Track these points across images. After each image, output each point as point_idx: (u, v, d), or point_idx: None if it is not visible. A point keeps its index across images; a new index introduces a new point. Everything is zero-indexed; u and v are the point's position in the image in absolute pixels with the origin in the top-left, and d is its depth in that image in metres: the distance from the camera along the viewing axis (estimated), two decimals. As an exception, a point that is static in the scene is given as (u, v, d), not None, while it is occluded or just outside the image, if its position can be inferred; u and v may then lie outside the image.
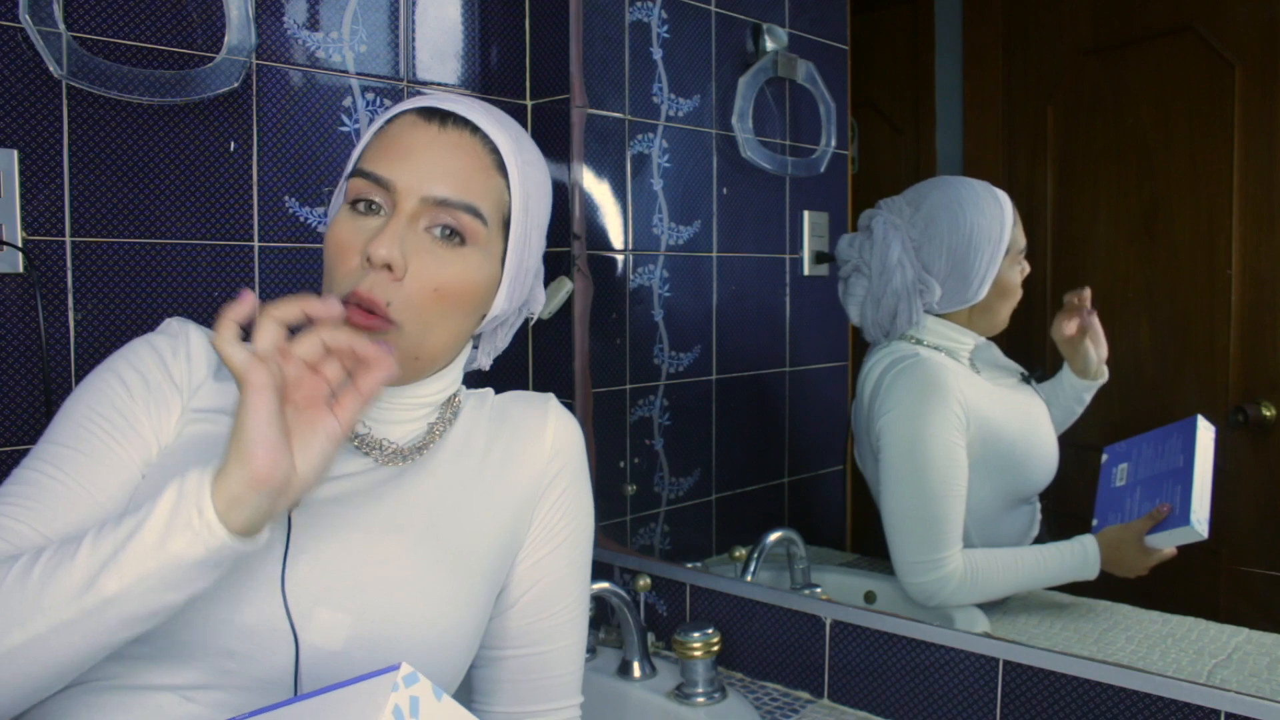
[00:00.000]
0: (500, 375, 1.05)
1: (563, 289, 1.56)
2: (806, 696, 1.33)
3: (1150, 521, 1.17)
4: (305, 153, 1.40)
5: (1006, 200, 1.32)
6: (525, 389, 1.11)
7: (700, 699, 1.28)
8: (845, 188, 1.68)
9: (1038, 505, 1.35)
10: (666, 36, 1.64)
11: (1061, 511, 1.34)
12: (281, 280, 1.39)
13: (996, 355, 1.38)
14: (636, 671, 1.36)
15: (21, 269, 1.18)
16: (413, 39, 1.52)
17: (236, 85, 1.31)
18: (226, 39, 1.30)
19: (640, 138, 1.62)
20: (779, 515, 1.74)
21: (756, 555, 1.47)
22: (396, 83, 1.50)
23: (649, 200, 1.64)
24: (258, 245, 1.37)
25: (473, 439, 0.95)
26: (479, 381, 1.03)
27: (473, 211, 0.83)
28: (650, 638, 1.45)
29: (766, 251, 1.72)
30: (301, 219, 1.41)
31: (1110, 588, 1.22)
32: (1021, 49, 1.41)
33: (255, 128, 1.36)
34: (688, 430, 1.69)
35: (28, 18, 1.15)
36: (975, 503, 1.30)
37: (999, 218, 1.32)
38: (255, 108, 1.35)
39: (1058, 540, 1.26)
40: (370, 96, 1.46)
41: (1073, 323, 1.29)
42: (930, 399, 1.32)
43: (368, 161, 0.84)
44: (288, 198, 1.39)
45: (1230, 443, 1.17)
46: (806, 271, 1.71)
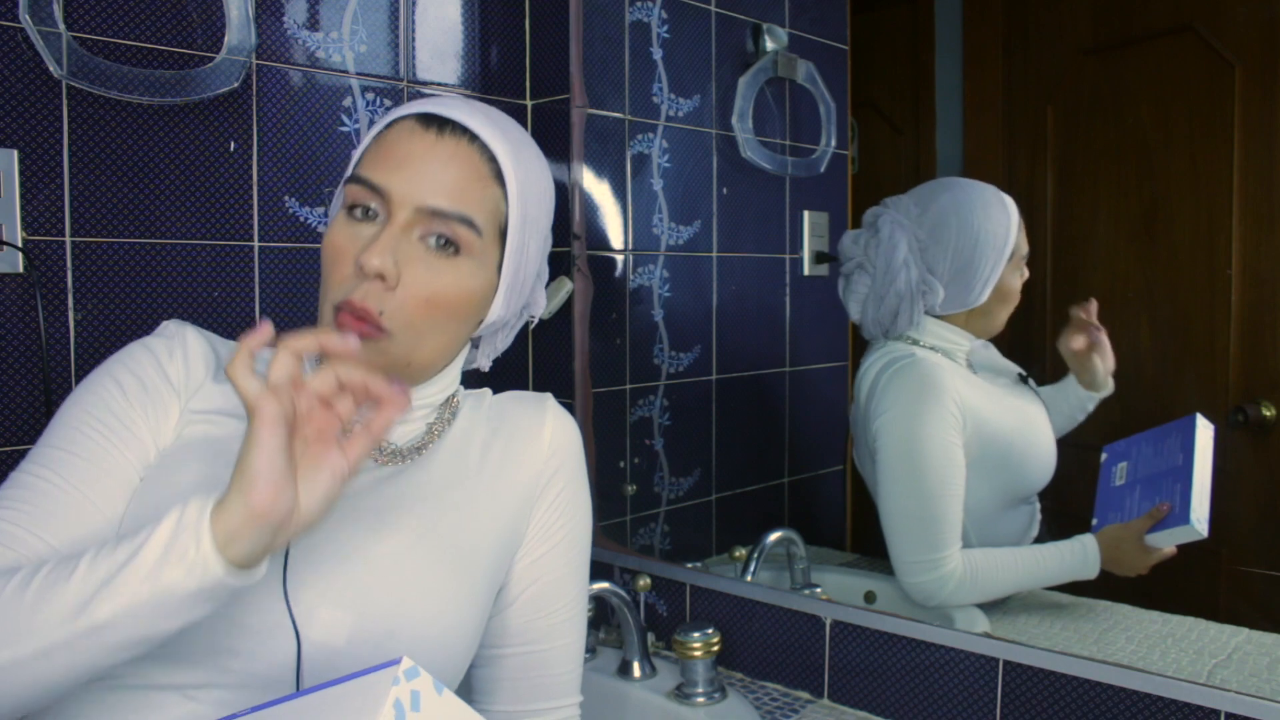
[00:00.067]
0: (500, 375, 1.05)
1: (563, 289, 1.56)
2: (806, 696, 1.33)
3: (1150, 520, 1.17)
4: (305, 153, 1.40)
5: (1013, 206, 1.32)
6: (525, 389, 1.11)
7: (700, 699, 1.28)
8: (845, 188, 1.68)
9: (1037, 505, 1.35)
10: (666, 36, 1.64)
11: (1061, 511, 1.34)
12: (281, 280, 1.39)
13: (994, 355, 1.38)
14: (636, 671, 1.36)
15: (21, 269, 1.18)
16: (413, 39, 1.52)
17: (236, 85, 1.31)
18: (226, 39, 1.30)
19: (640, 138, 1.62)
20: (779, 515, 1.74)
21: (756, 555, 1.47)
22: (396, 83, 1.50)
23: (649, 200, 1.64)
24: (258, 245, 1.37)
25: (471, 438, 0.95)
26: (478, 382, 1.03)
27: (467, 223, 0.83)
28: (650, 638, 1.45)
29: (766, 251, 1.72)
30: (301, 219, 1.41)
31: (1110, 588, 1.22)
32: (1021, 49, 1.41)
33: (255, 128, 1.36)
34: (688, 430, 1.69)
35: (28, 18, 1.15)
36: (973, 502, 1.30)
37: (1005, 223, 1.32)
38: (255, 108, 1.35)
39: (1057, 540, 1.26)
40: (370, 96, 1.47)
41: (1081, 338, 1.28)
42: (926, 399, 1.32)
43: (365, 167, 0.84)
44: (288, 198, 1.39)
45: (1230, 443, 1.17)
46: (806, 271, 1.71)
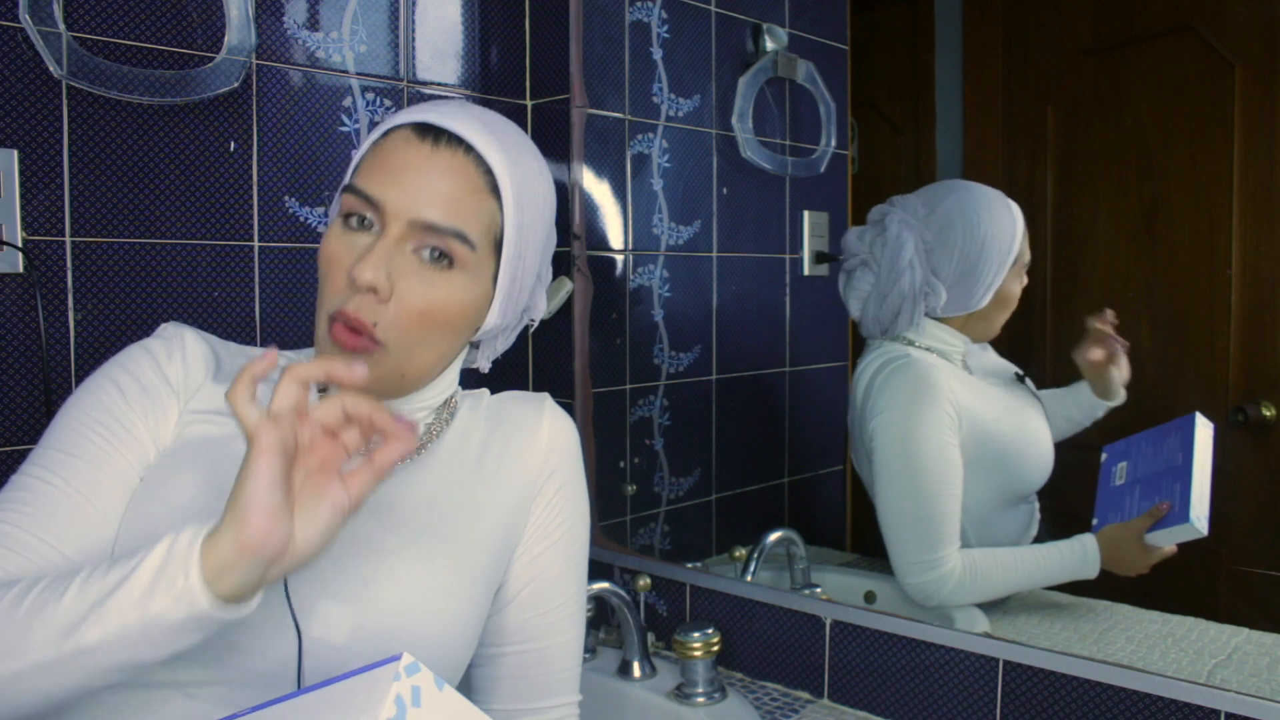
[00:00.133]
0: (500, 375, 1.05)
1: (563, 289, 1.56)
2: (806, 696, 1.33)
3: (1150, 519, 1.16)
4: (305, 153, 1.40)
5: (1018, 212, 1.32)
6: (525, 389, 1.11)
7: (700, 699, 1.28)
8: (845, 188, 1.68)
9: (1036, 504, 1.35)
10: (666, 36, 1.64)
11: (1061, 511, 1.34)
12: (281, 280, 1.39)
13: (990, 355, 1.38)
14: (636, 671, 1.36)
15: (21, 269, 1.18)
16: (413, 39, 1.52)
17: (236, 85, 1.32)
18: (226, 39, 1.30)
19: (640, 138, 1.62)
20: (779, 515, 1.74)
21: (756, 555, 1.47)
22: (396, 83, 1.50)
23: (649, 200, 1.64)
24: (258, 245, 1.37)
25: (469, 438, 0.95)
26: (476, 382, 1.03)
27: (461, 237, 0.83)
28: (650, 638, 1.45)
29: (766, 251, 1.72)
30: (301, 219, 1.41)
31: (1110, 588, 1.22)
32: (1021, 49, 1.41)
33: (255, 128, 1.36)
34: (688, 430, 1.69)
35: (28, 18, 1.15)
36: (971, 502, 1.30)
37: (1011, 229, 1.32)
38: (255, 108, 1.35)
39: (1057, 539, 1.26)
40: (370, 96, 1.47)
41: (1100, 350, 1.27)
42: (922, 399, 1.33)
43: (360, 178, 0.84)
44: (288, 198, 1.39)
45: (1230, 442, 1.17)
46: (806, 271, 1.71)
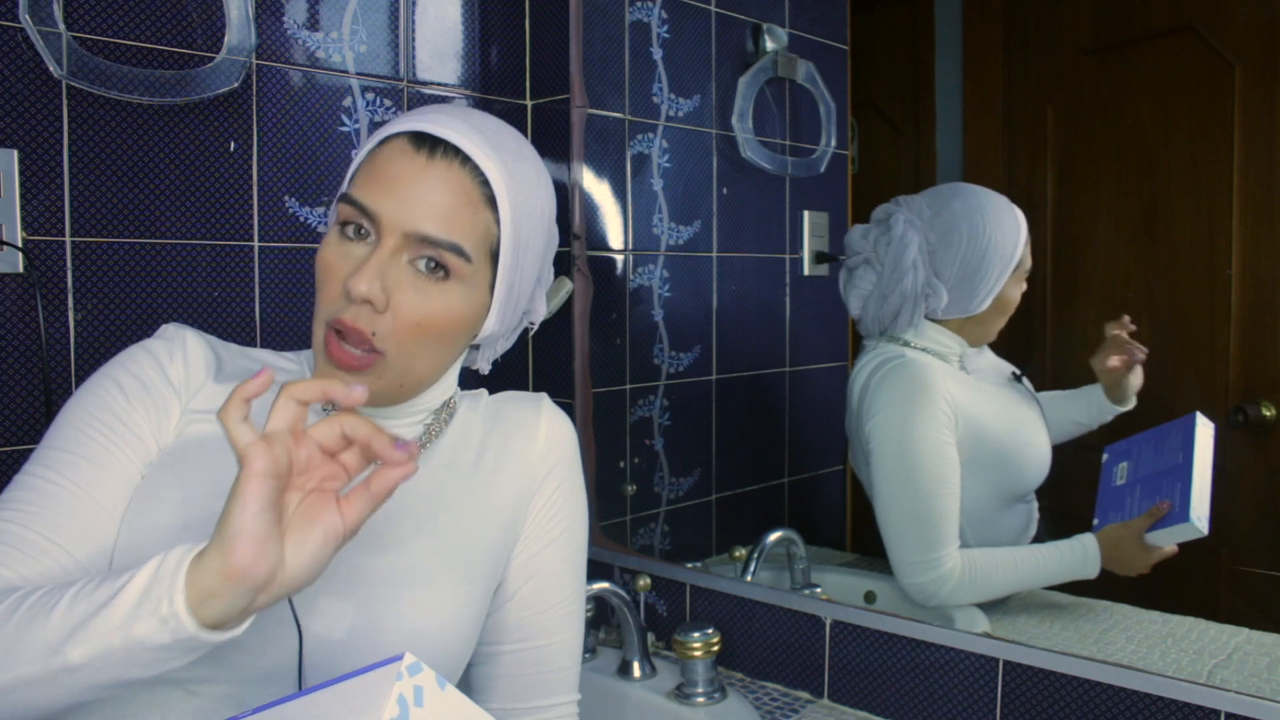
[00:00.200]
0: (500, 375, 1.05)
1: (563, 289, 1.56)
2: (806, 696, 1.33)
3: (1150, 519, 1.17)
4: (305, 153, 1.40)
5: (1022, 218, 1.33)
6: (525, 389, 1.11)
7: (700, 699, 1.28)
8: (845, 188, 1.68)
9: (1034, 504, 1.35)
10: (666, 36, 1.64)
11: (1061, 511, 1.34)
12: (281, 280, 1.39)
13: (987, 355, 1.38)
14: (636, 671, 1.36)
15: (21, 269, 1.18)
16: (413, 39, 1.52)
17: (236, 85, 1.32)
18: (226, 39, 1.30)
19: (640, 138, 1.62)
20: (779, 515, 1.74)
21: (756, 555, 1.47)
22: (396, 83, 1.50)
23: (649, 200, 1.64)
24: (258, 245, 1.37)
25: (468, 438, 0.96)
26: (475, 382, 1.03)
27: (456, 250, 0.82)
28: (650, 638, 1.45)
29: (766, 251, 1.72)
30: (301, 219, 1.41)
31: (1110, 588, 1.22)
32: (1021, 49, 1.41)
33: (255, 128, 1.36)
34: (688, 430, 1.69)
35: (28, 18, 1.15)
36: (969, 502, 1.30)
37: (1015, 235, 1.32)
38: (255, 108, 1.35)
39: (1057, 539, 1.26)
40: (370, 96, 1.47)
41: (1120, 357, 1.26)
42: (917, 399, 1.33)
43: (357, 187, 0.84)
44: (288, 198, 1.39)
45: (1230, 442, 1.17)
46: (806, 271, 1.71)
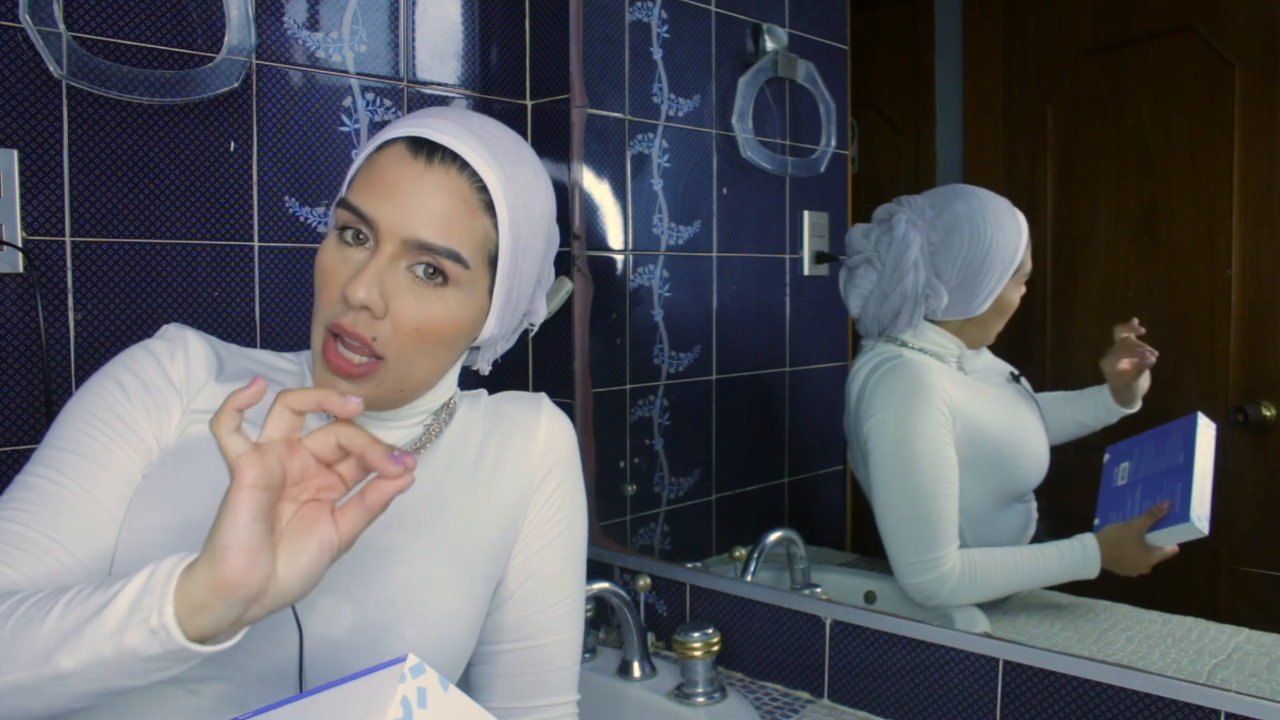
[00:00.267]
0: (500, 376, 1.05)
1: (563, 289, 1.56)
2: (806, 696, 1.33)
3: (1151, 519, 1.17)
4: (305, 153, 1.40)
5: (1024, 221, 1.33)
6: (525, 389, 1.11)
7: (700, 699, 1.28)
8: (845, 188, 1.68)
9: (1033, 504, 1.35)
10: (666, 36, 1.64)
11: (1061, 511, 1.34)
12: (281, 280, 1.39)
13: (986, 355, 1.38)
14: (636, 671, 1.36)
15: (21, 269, 1.18)
16: (413, 39, 1.52)
17: (236, 85, 1.31)
18: (226, 39, 1.30)
19: (640, 138, 1.62)
20: (779, 515, 1.74)
21: (756, 555, 1.47)
22: (396, 83, 1.50)
23: (649, 200, 1.64)
24: (258, 245, 1.37)
25: (468, 438, 0.96)
26: (474, 383, 1.03)
27: (454, 257, 0.82)
28: (650, 638, 1.45)
29: (766, 251, 1.72)
30: (301, 219, 1.41)
31: (1110, 588, 1.22)
32: (1021, 49, 1.41)
33: (255, 128, 1.36)
34: (688, 430, 1.69)
35: (28, 18, 1.15)
36: (967, 502, 1.30)
37: (1016, 238, 1.32)
38: (255, 108, 1.35)
39: (1056, 539, 1.26)
40: (370, 96, 1.47)
41: (1130, 360, 1.26)
42: (915, 399, 1.33)
43: (355, 193, 0.84)
44: (288, 198, 1.39)
45: (1230, 442, 1.17)
46: (806, 271, 1.71)
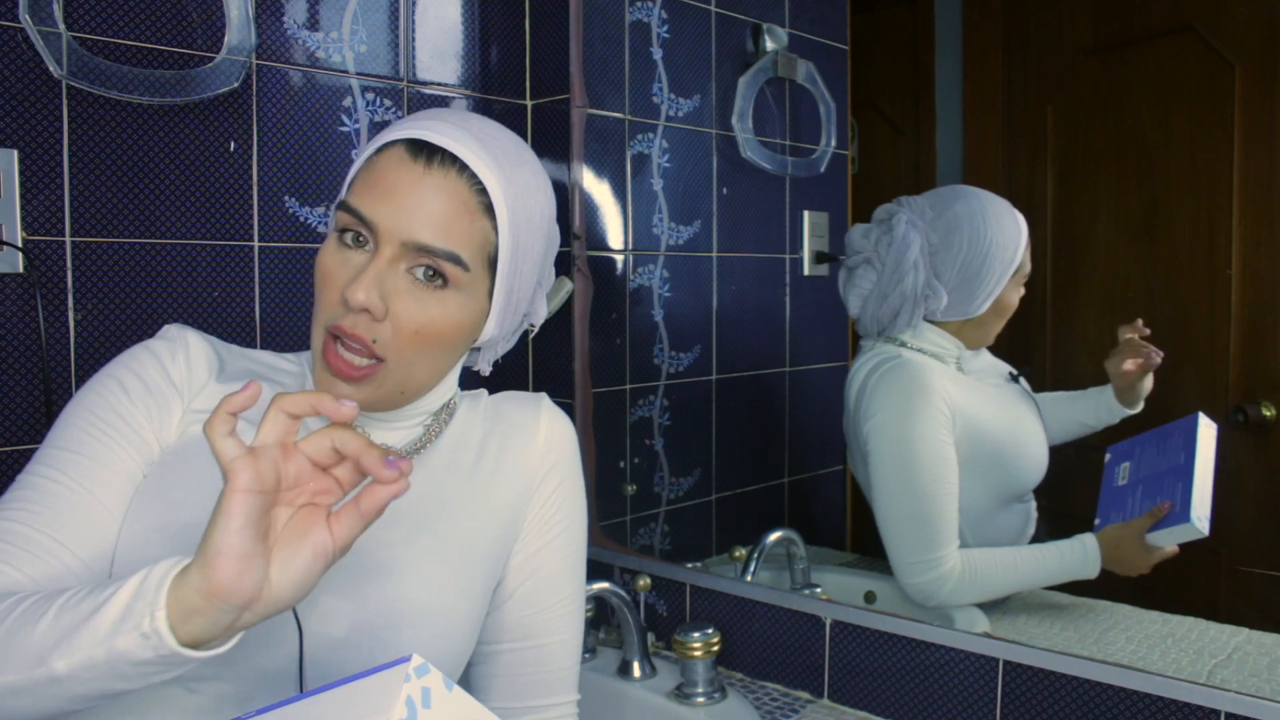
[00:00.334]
0: (500, 376, 1.05)
1: (563, 289, 1.56)
2: (806, 696, 1.33)
3: (1151, 519, 1.17)
4: (305, 153, 1.40)
5: (1023, 222, 1.33)
6: (525, 389, 1.11)
7: (700, 699, 1.28)
8: (845, 188, 1.68)
9: (1032, 504, 1.35)
10: (666, 36, 1.64)
11: (1061, 511, 1.34)
12: (281, 280, 1.39)
13: (985, 355, 1.38)
14: (636, 671, 1.36)
15: (21, 269, 1.18)
16: (413, 39, 1.52)
17: (236, 85, 1.31)
18: (226, 39, 1.30)
19: (640, 138, 1.62)
20: (779, 515, 1.74)
21: (756, 555, 1.47)
22: (396, 83, 1.50)
23: (649, 200, 1.64)
24: (258, 245, 1.37)
25: (468, 438, 0.96)
26: (475, 383, 1.03)
27: (454, 259, 0.83)
28: (650, 638, 1.45)
29: (766, 251, 1.72)
30: (301, 219, 1.41)
31: (1110, 588, 1.22)
32: (1021, 49, 1.41)
33: (255, 128, 1.36)
34: (688, 430, 1.69)
35: (28, 18, 1.15)
36: (967, 502, 1.30)
37: (1015, 239, 1.32)
38: (255, 108, 1.35)
39: (1056, 539, 1.26)
40: (370, 96, 1.47)
41: (1136, 362, 1.26)
42: (915, 399, 1.33)
43: (355, 195, 0.84)
44: (288, 198, 1.39)
45: (1230, 443, 1.17)
46: (806, 271, 1.71)
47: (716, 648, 1.28)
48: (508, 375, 1.62)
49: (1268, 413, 1.18)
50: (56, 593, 0.68)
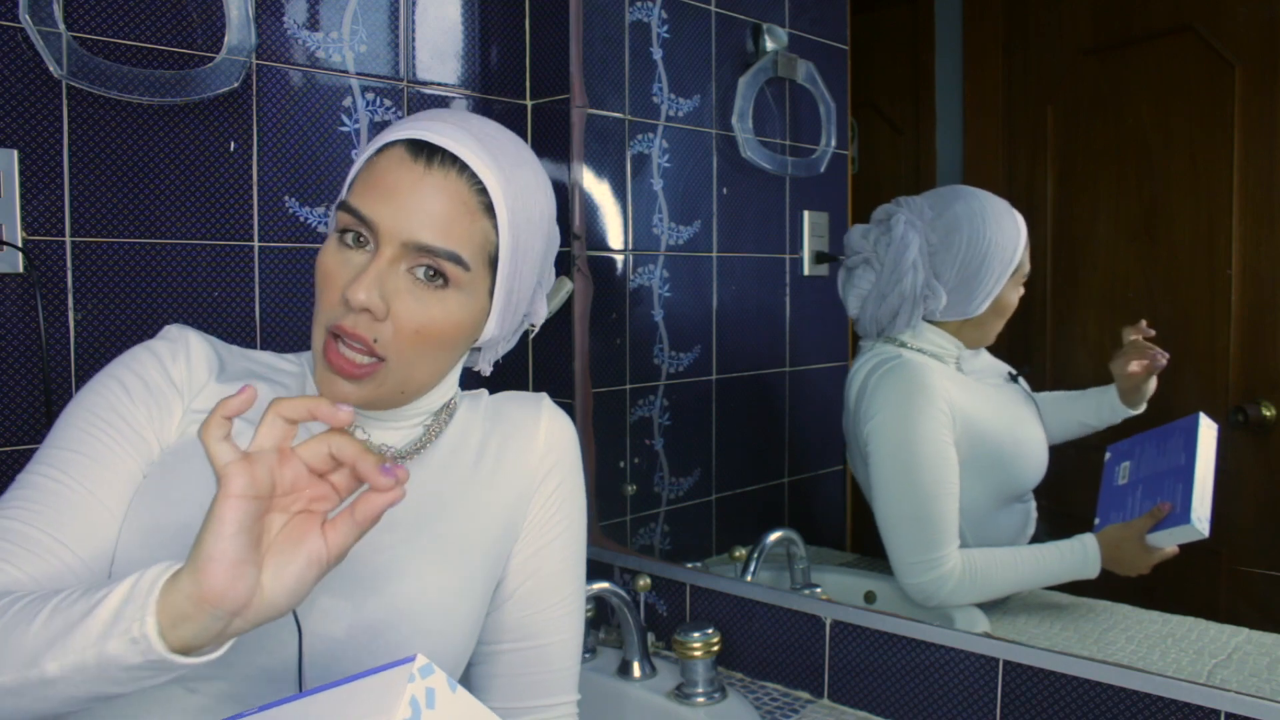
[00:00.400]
0: (500, 376, 1.05)
1: (563, 289, 1.56)
2: (806, 696, 1.33)
3: (1151, 520, 1.17)
4: (305, 153, 1.40)
5: (1022, 222, 1.33)
6: (525, 389, 1.11)
7: (700, 699, 1.28)
8: (845, 188, 1.68)
9: (1032, 504, 1.35)
10: (666, 36, 1.64)
11: (1060, 511, 1.34)
12: (281, 280, 1.39)
13: (984, 356, 1.38)
14: (636, 671, 1.36)
15: (21, 269, 1.18)
16: (413, 39, 1.52)
17: (236, 85, 1.31)
18: (226, 39, 1.30)
19: (640, 138, 1.62)
20: (779, 515, 1.74)
21: (756, 555, 1.47)
22: (396, 83, 1.50)
23: (649, 200, 1.64)
24: (258, 245, 1.37)
25: (468, 438, 0.96)
26: (475, 383, 1.03)
27: (454, 259, 0.83)
28: (650, 638, 1.45)
29: (766, 251, 1.72)
30: (301, 219, 1.41)
31: (1110, 588, 1.22)
32: (1021, 49, 1.41)
33: (255, 128, 1.36)
34: (688, 430, 1.69)
35: (28, 18, 1.15)
36: (967, 502, 1.30)
37: (1015, 238, 1.32)
38: (255, 108, 1.35)
39: (1056, 539, 1.26)
40: (370, 96, 1.46)
41: (1141, 364, 1.26)
42: (917, 399, 1.33)
43: (355, 195, 0.84)
44: (288, 198, 1.39)
45: (1230, 443, 1.17)
46: (806, 271, 1.71)
47: (716, 648, 1.28)
48: (508, 375, 1.62)
49: (1268, 413, 1.18)
50: (52, 593, 0.68)
